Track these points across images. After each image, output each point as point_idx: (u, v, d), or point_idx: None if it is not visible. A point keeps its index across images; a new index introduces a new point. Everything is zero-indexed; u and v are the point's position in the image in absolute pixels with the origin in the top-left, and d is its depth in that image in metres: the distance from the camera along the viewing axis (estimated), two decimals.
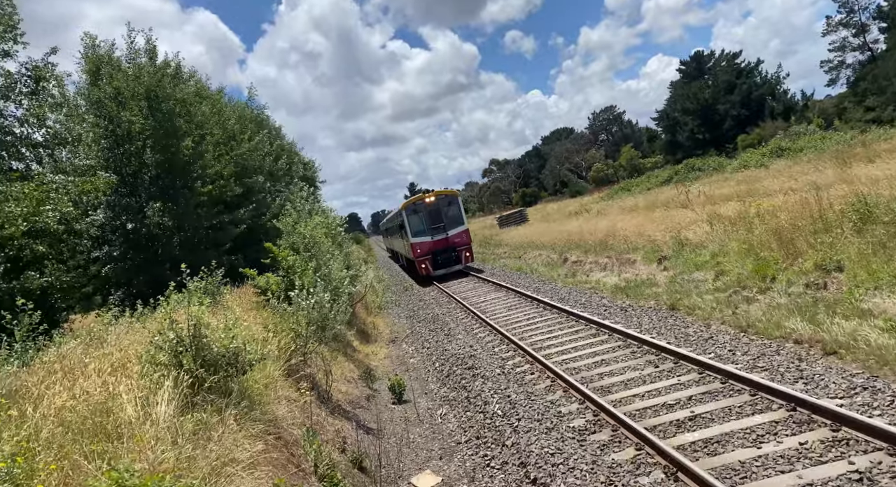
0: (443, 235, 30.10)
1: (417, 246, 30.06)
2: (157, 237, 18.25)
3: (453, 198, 31.13)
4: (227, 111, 25.94)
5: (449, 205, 30.57)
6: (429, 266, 30.19)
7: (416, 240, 30.10)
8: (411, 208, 30.48)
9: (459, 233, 30.51)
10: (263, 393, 7.61)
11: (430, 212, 29.99)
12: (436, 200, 30.33)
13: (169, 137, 18.40)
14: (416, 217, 30.19)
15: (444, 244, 30.19)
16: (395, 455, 8.96)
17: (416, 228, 30.13)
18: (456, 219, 30.57)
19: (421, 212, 30.11)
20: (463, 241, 30.50)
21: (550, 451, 8.04)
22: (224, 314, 7.86)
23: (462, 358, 14.15)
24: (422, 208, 30.15)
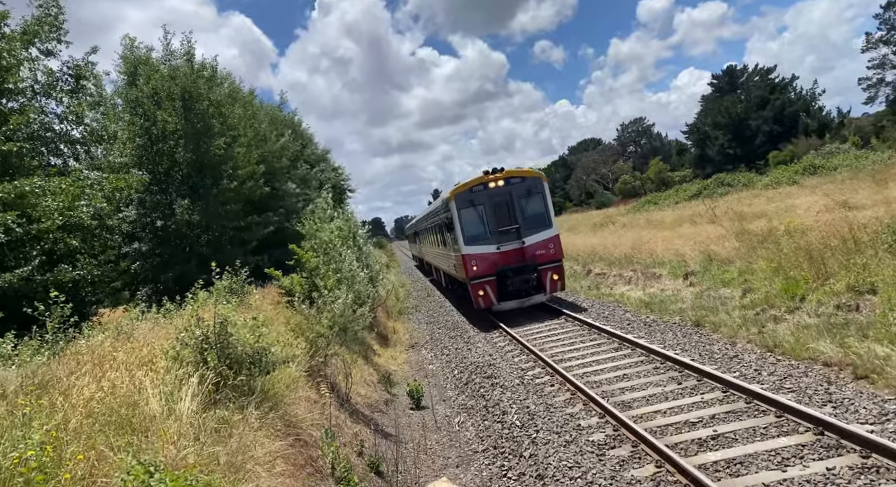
0: (516, 243, 18.45)
1: (473, 260, 18.42)
2: (184, 235, 18.57)
3: (535, 183, 19.02)
4: (260, 114, 26.35)
5: (529, 194, 18.90)
6: (491, 293, 18.43)
7: (470, 251, 18.49)
8: (465, 197, 18.80)
9: (545, 240, 18.63)
10: (284, 393, 7.68)
11: (497, 203, 18.66)
12: (506, 185, 18.79)
13: (201, 137, 18.74)
14: (473, 212, 18.77)
15: (519, 258, 18.44)
16: (413, 461, 8.94)
17: (471, 230, 18.67)
18: (539, 218, 18.90)
19: (481, 204, 18.70)
20: (549, 255, 18.63)
21: (569, 464, 7.95)
22: (250, 313, 7.97)
23: (481, 366, 14.10)
24: (482, 197, 18.67)
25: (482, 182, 18.86)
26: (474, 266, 18.39)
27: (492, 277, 18.46)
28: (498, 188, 18.74)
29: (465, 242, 18.61)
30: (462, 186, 19.11)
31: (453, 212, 18.84)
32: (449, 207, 19.30)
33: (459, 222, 18.67)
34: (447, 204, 19.62)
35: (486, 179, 18.85)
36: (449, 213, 19.45)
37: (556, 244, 18.82)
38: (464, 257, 18.58)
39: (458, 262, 19.52)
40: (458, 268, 19.90)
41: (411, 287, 35.29)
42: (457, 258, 19.69)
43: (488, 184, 18.79)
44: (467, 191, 18.90)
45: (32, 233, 12.69)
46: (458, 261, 19.65)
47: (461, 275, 19.83)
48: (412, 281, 39.65)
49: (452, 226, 19.07)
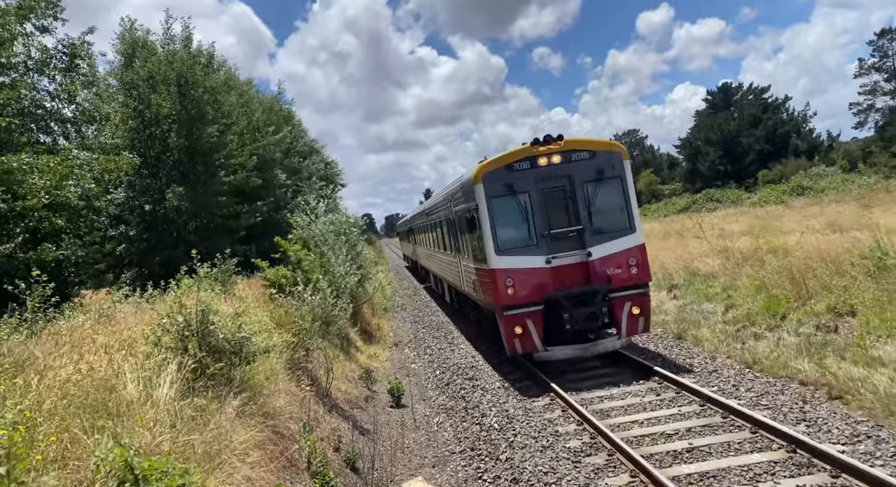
0: (577, 255, 12.21)
1: (510, 277, 12.08)
2: (172, 220, 18.44)
3: (612, 160, 12.45)
4: (255, 103, 26.22)
5: (600, 178, 12.36)
6: (535, 333, 12.09)
7: (505, 263, 12.11)
8: (498, 178, 12.33)
9: (624, 252, 12.29)
10: (264, 385, 7.65)
11: (549, 191, 12.32)
12: (566, 161, 12.37)
13: (195, 123, 18.62)
14: (510, 203, 12.29)
15: (582, 278, 12.20)
16: (389, 459, 8.94)
17: (507, 231, 12.34)
18: (615, 216, 12.49)
19: (524, 191, 12.26)
20: (630, 276, 12.24)
21: (544, 470, 7.98)
22: (233, 302, 7.93)
23: (463, 368, 14.12)
24: (526, 180, 12.26)
25: (527, 155, 12.02)
26: (510, 287, 11.76)
27: (537, 306, 11.75)
28: (552, 166, 12.00)
29: (496, 249, 11.85)
30: (494, 162, 12.18)
31: (480, 200, 11.96)
32: (473, 194, 12.26)
33: (490, 217, 11.93)
34: (469, 188, 12.61)
35: (533, 152, 11.99)
36: (471, 204, 12.49)
37: (642, 258, 12.03)
38: (494, 273, 11.84)
39: (483, 279, 12.74)
40: (482, 288, 13.12)
41: (398, 285, 35.25)
42: (480, 272, 12.93)
43: (537, 159, 11.96)
44: (503, 170, 12.03)
45: (17, 210, 12.54)
46: (481, 277, 12.91)
47: (485, 299, 13.03)
48: (399, 279, 39.60)
49: (476, 223, 12.39)
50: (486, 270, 12.34)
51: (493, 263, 12.01)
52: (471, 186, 12.57)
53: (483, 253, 12.39)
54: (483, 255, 12.41)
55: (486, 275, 12.44)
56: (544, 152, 12.15)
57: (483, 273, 12.80)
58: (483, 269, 12.71)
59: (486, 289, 12.87)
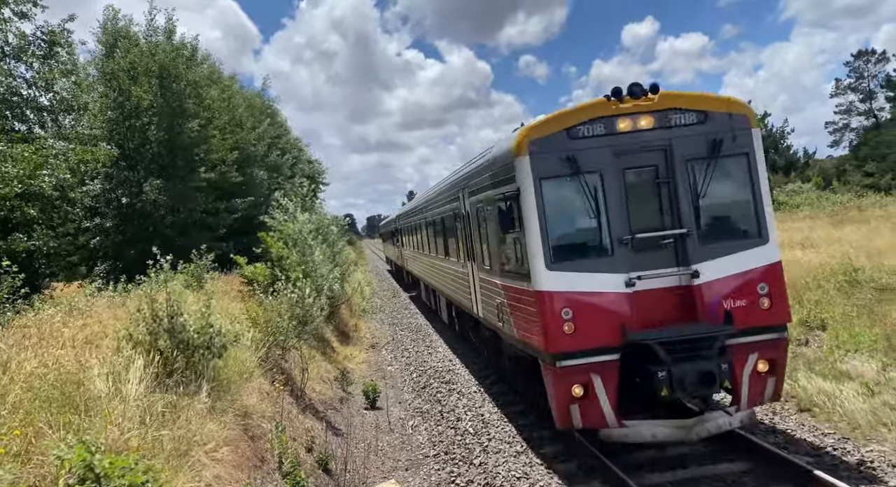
0: (677, 275, 7.69)
1: (567, 304, 7.41)
2: (150, 214, 18.15)
3: (733, 125, 7.86)
4: (238, 98, 25.97)
5: (715, 154, 7.77)
6: (605, 398, 7.38)
7: (562, 284, 7.46)
8: (554, 146, 7.67)
9: (748, 273, 7.68)
10: (238, 383, 7.55)
11: (632, 172, 7.86)
12: (661, 126, 7.80)
13: (176, 117, 18.38)
14: (574, 188, 7.70)
15: (684, 311, 7.64)
16: (362, 461, 8.87)
17: (566, 233, 7.94)
18: (738, 213, 8.07)
19: (593, 170, 7.65)
20: (758, 313, 7.59)
21: (517, 475, 7.98)
22: (205, 298, 7.81)
23: (440, 371, 14.08)
24: (600, 156, 7.66)
25: (601, 114, 7.79)
26: (568, 321, 7.46)
27: (610, 355, 7.47)
28: (639, 133, 7.82)
29: (548, 259, 7.62)
30: (548, 122, 7.95)
31: (525, 182, 7.75)
32: (511, 172, 8.09)
33: (540, 209, 7.68)
34: (504, 165, 8.45)
35: (611, 109, 7.81)
36: (506, 189, 8.25)
37: (776, 285, 7.83)
38: (542, 298, 7.59)
39: (520, 304, 8.42)
40: (515, 318, 8.70)
41: (378, 286, 35.11)
42: (515, 294, 8.61)
43: (616, 121, 7.79)
44: (561, 136, 7.79)
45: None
46: (516, 301, 8.59)
47: (521, 336, 8.57)
48: (379, 280, 39.44)
49: (514, 218, 8.03)
50: (528, 292, 7.69)
51: (541, 282, 7.39)
52: (507, 161, 8.04)
53: (523, 265, 7.80)
54: (523, 268, 7.83)
55: (528, 300, 7.79)
56: (628, 111, 7.55)
57: (521, 295, 8.08)
58: (521, 290, 8.05)
59: (523, 321, 8.14)
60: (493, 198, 8.97)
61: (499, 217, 8.24)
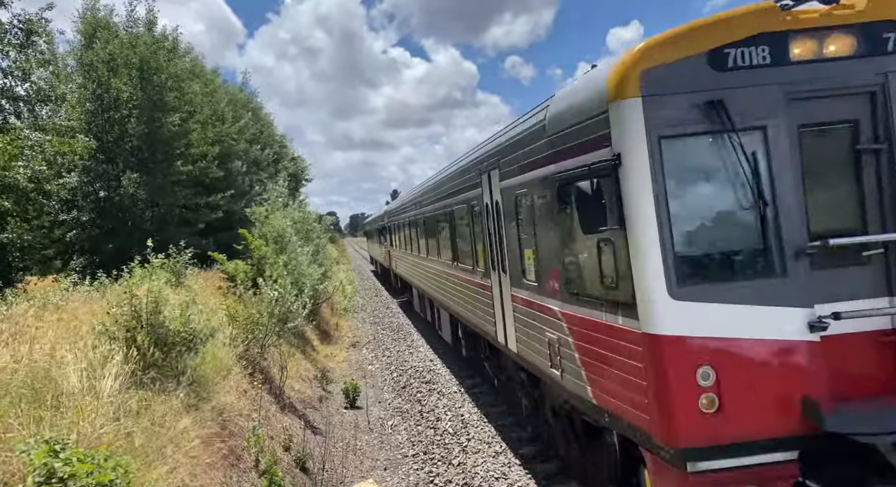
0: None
1: (707, 359, 4.20)
2: (128, 208, 17.87)
3: None
4: (220, 92, 25.69)
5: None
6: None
7: (696, 324, 4.25)
8: (683, 80, 4.36)
9: None
10: (215, 380, 7.44)
11: (816, 130, 4.55)
12: (865, 49, 4.43)
13: (156, 110, 18.11)
14: (719, 152, 4.42)
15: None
16: (340, 460, 8.81)
17: (702, 231, 4.55)
18: None
19: (759, 124, 4.38)
20: None
21: (496, 475, 7.99)
22: (187, 295, 7.69)
23: (421, 371, 14.06)
24: (764, 100, 4.39)
25: (765, 28, 4.46)
26: (706, 391, 4.24)
27: (785, 453, 4.24)
28: (828, 62, 4.52)
29: (674, 277, 4.33)
30: (675, 40, 4.53)
31: (630, 142, 4.47)
32: (609, 126, 4.65)
33: (656, 187, 4.38)
34: (595, 108, 4.88)
35: (782, 22, 4.47)
36: (595, 156, 4.80)
37: None
38: (661, 345, 4.31)
39: (611, 354, 4.99)
40: (602, 372, 5.21)
41: (360, 285, 34.96)
42: (601, 332, 5.15)
43: (788, 41, 4.48)
44: (695, 64, 4.44)
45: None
46: (601, 346, 5.18)
47: (615, 408, 5.02)
48: (361, 279, 39.28)
49: (606, 203, 4.61)
50: (627, 334, 4.73)
51: (657, 318, 4.40)
52: (593, 111, 4.96)
53: (618, 287, 4.81)
54: (618, 292, 4.83)
55: (625, 347, 4.79)
56: (812, 24, 4.58)
57: (609, 337, 5.08)
58: (610, 328, 5.04)
59: (612, 381, 5.07)
60: (554, 177, 5.63)
61: (574, 205, 4.97)
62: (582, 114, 5.08)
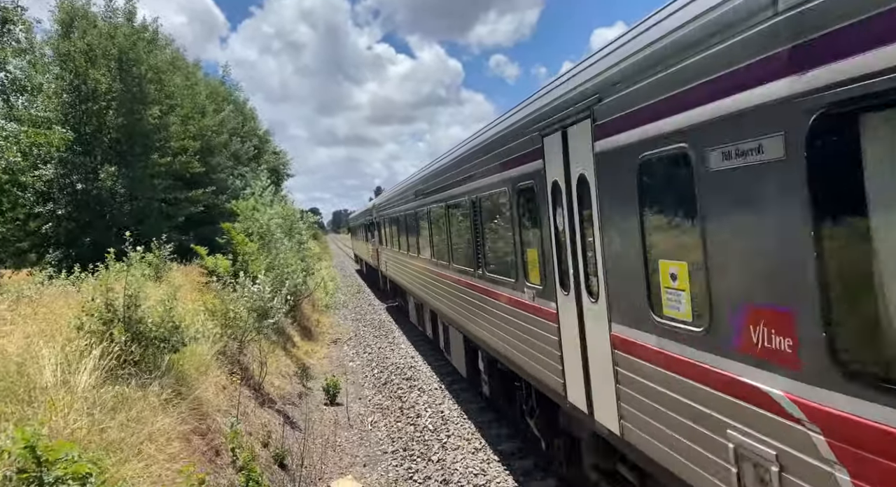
0: None
1: None
2: (106, 201, 17.60)
3: None
4: (201, 85, 25.39)
5: None
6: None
7: None
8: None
9: None
10: (193, 376, 7.37)
11: None
12: None
13: (136, 102, 17.85)
14: None
15: None
16: (319, 457, 8.78)
17: None
18: None
19: None
20: None
21: (475, 472, 8.03)
22: (166, 290, 7.61)
23: (402, 368, 14.05)
24: None
25: None
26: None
27: None
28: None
29: None
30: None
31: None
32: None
33: None
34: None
35: None
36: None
37: None
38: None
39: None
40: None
41: (342, 282, 34.79)
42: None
43: None
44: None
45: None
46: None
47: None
48: (343, 276, 39.12)
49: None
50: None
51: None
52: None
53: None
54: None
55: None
56: None
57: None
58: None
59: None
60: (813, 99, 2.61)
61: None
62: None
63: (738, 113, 3.02)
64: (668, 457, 3.95)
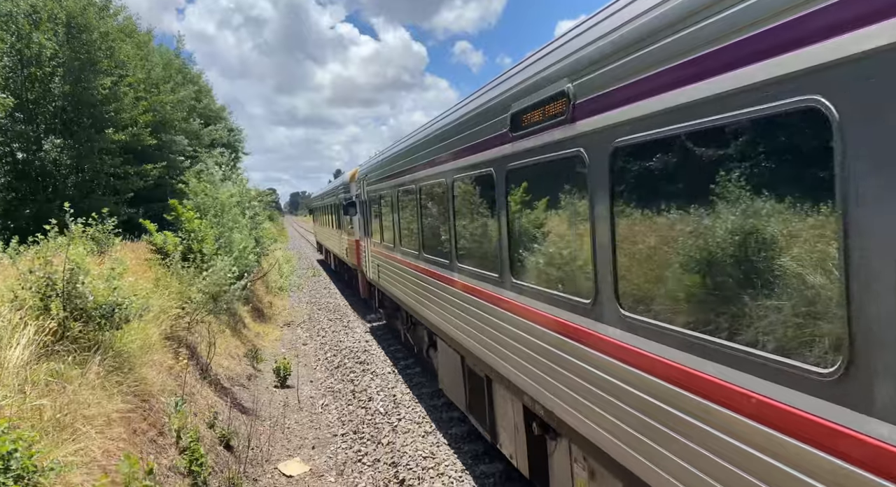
0: None
1: None
2: (49, 173, 16.81)
3: None
4: (155, 57, 24.41)
5: None
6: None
7: None
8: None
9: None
10: (137, 355, 7.13)
11: None
12: None
13: (84, 71, 17.03)
14: None
15: None
16: (267, 439, 8.67)
17: None
18: None
19: None
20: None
21: (424, 454, 8.06)
22: (110, 265, 7.31)
23: (356, 351, 13.97)
24: None
25: None
26: None
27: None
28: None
29: None
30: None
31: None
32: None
33: None
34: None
35: None
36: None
37: None
38: None
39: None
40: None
41: (297, 264, 34.28)
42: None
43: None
44: None
45: None
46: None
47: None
48: (299, 258, 38.54)
49: None
50: None
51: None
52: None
53: None
54: None
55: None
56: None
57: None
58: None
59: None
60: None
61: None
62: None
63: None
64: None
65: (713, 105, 2.76)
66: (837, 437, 2.20)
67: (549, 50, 4.71)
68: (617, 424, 3.74)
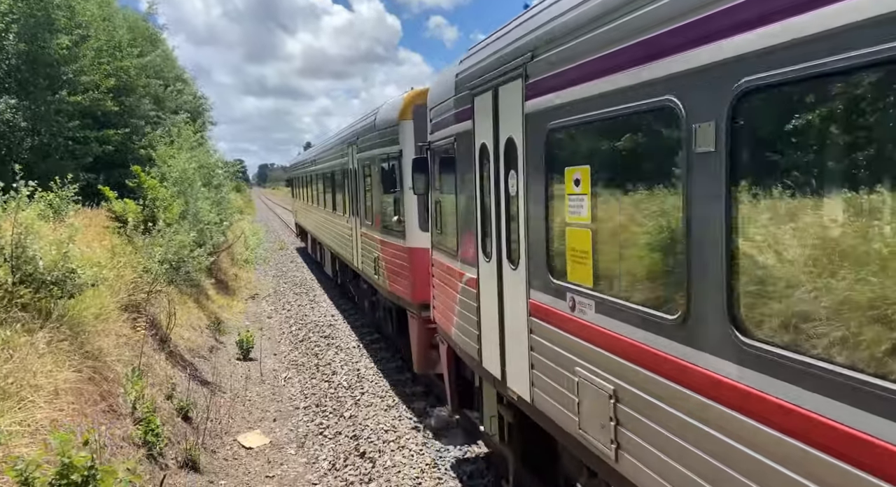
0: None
1: None
2: (4, 135, 16.08)
3: None
4: (118, 18, 23.39)
5: None
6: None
7: None
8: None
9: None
10: (92, 324, 6.95)
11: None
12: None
13: (40, 28, 16.22)
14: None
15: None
16: (227, 411, 8.59)
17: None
18: None
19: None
20: None
21: (385, 428, 8.10)
22: (65, 231, 7.06)
23: (321, 325, 13.90)
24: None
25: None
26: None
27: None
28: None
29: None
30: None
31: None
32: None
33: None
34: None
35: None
36: None
37: None
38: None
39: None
40: None
41: (264, 237, 33.78)
42: None
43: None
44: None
45: None
46: None
47: None
48: (267, 230, 38.00)
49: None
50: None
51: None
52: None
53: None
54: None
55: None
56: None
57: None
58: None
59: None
60: None
61: None
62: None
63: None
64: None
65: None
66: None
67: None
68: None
